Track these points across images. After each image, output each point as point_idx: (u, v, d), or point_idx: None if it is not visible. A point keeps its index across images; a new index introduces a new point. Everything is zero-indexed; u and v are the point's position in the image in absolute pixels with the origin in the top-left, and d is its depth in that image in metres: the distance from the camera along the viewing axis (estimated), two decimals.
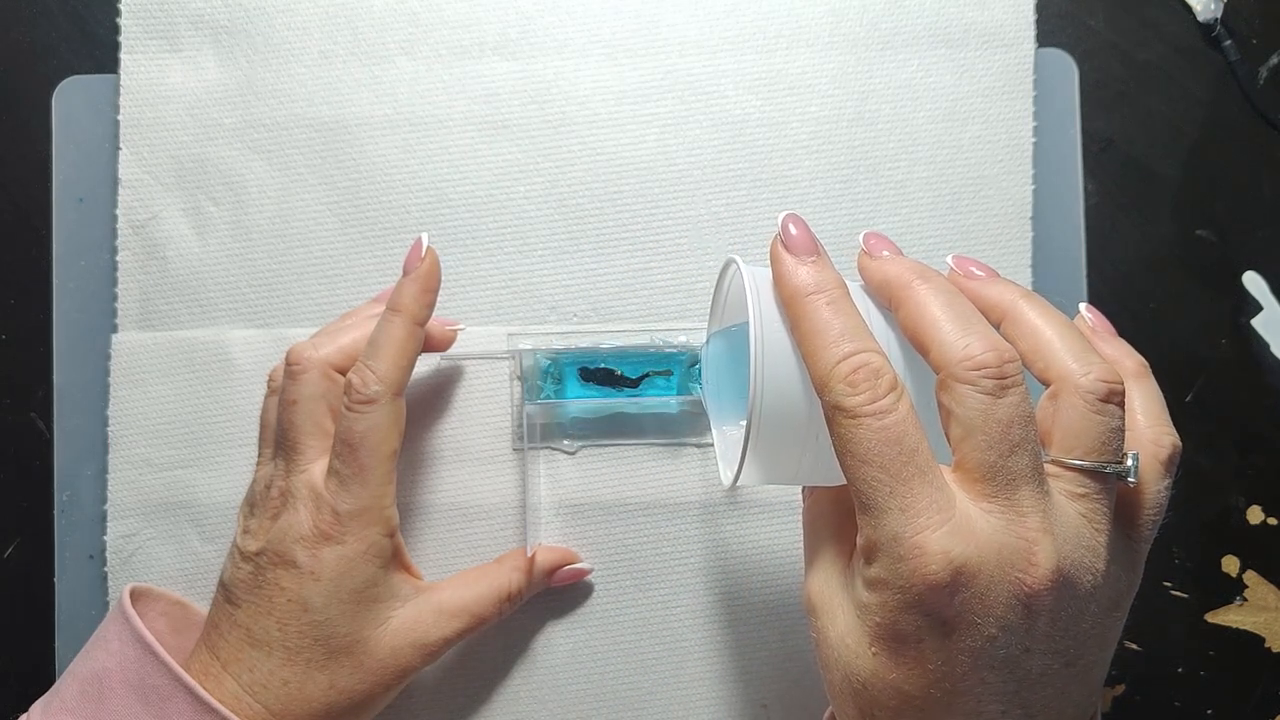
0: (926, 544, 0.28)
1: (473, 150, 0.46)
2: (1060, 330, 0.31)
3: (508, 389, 0.45)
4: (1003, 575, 0.28)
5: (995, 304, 0.33)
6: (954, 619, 0.28)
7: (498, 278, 0.46)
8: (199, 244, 0.46)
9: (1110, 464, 0.30)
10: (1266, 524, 0.47)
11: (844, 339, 0.30)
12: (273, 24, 0.46)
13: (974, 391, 0.29)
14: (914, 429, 0.29)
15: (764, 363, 0.32)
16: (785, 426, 0.32)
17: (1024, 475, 0.29)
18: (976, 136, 0.46)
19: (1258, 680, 0.46)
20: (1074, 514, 0.30)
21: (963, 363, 0.29)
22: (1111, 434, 0.30)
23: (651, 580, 0.45)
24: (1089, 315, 0.37)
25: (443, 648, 0.40)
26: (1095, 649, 0.31)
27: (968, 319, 0.30)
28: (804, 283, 0.31)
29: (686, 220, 0.46)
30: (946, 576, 0.28)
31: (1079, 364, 0.30)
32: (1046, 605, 0.29)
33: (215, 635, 0.39)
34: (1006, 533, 0.28)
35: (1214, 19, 0.47)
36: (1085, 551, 0.29)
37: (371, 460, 0.38)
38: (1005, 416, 0.29)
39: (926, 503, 0.28)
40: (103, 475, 0.46)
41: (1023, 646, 0.29)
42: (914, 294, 0.31)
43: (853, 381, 0.29)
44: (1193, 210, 0.47)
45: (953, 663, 0.29)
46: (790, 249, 0.32)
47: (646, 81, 0.46)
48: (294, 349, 0.40)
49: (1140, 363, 0.35)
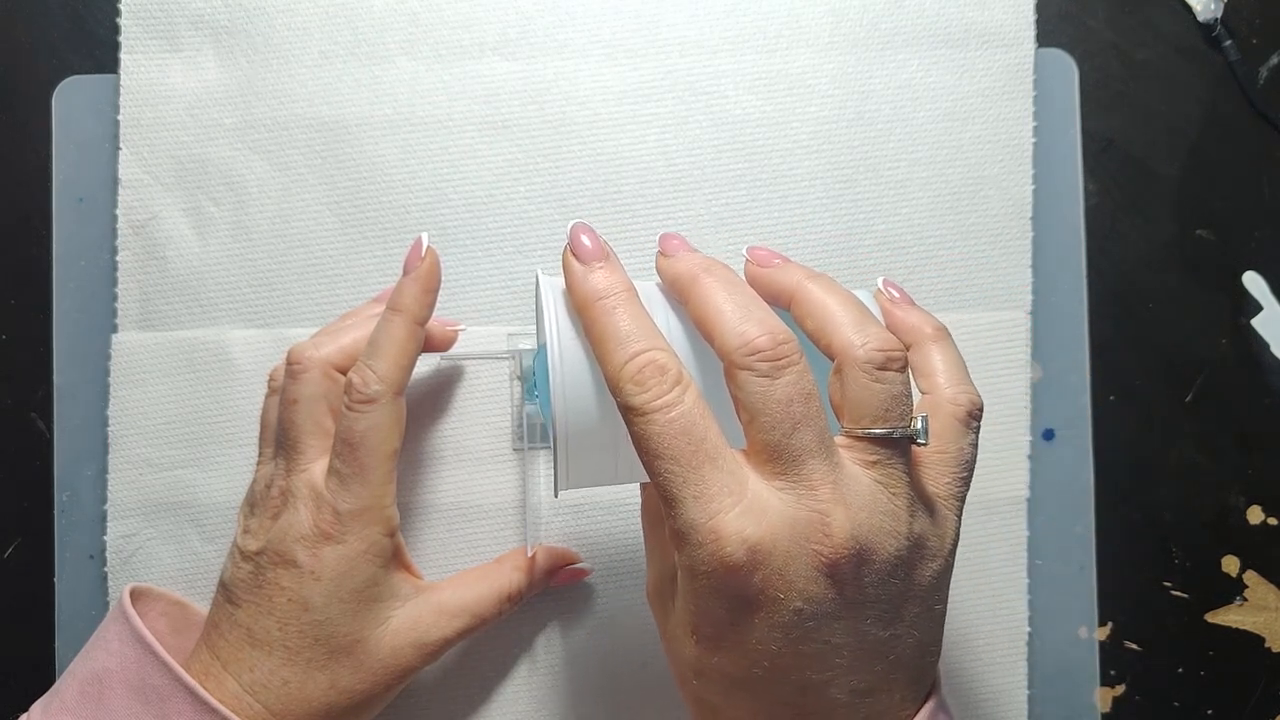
0: (720, 527, 0.29)
1: (473, 150, 0.46)
2: (841, 305, 0.32)
3: (508, 389, 0.45)
4: (799, 549, 0.29)
5: (783, 287, 0.34)
6: (757, 597, 0.29)
7: (498, 278, 0.46)
8: (199, 244, 0.46)
9: (897, 428, 0.31)
10: (1266, 524, 0.47)
11: (630, 340, 0.31)
12: (273, 24, 0.46)
13: (752, 376, 0.30)
14: (701, 419, 0.30)
15: (563, 371, 0.33)
16: (592, 430, 0.33)
17: (810, 450, 0.29)
18: (976, 136, 0.46)
19: (1258, 680, 0.46)
20: (868, 481, 0.30)
21: (740, 349, 0.30)
22: (894, 399, 0.31)
23: None
24: (890, 290, 0.38)
25: (443, 648, 0.40)
26: (915, 609, 0.31)
27: (747, 306, 0.31)
28: (593, 289, 0.32)
29: (686, 220, 0.46)
30: (743, 557, 0.29)
31: (857, 335, 0.31)
32: (848, 572, 0.29)
33: (215, 635, 0.39)
34: (798, 507, 0.29)
35: (1214, 19, 0.47)
36: (883, 516, 0.30)
37: (372, 460, 0.38)
38: (784, 395, 0.29)
39: (718, 488, 0.29)
40: (103, 475, 0.46)
41: (831, 616, 0.30)
42: (699, 287, 0.32)
43: (639, 380, 0.30)
44: (1193, 210, 0.48)
45: (766, 640, 0.30)
46: (580, 257, 0.33)
47: (646, 81, 0.46)
48: (294, 349, 0.40)
49: (937, 326, 0.36)
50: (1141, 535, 0.47)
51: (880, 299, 0.37)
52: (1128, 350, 0.47)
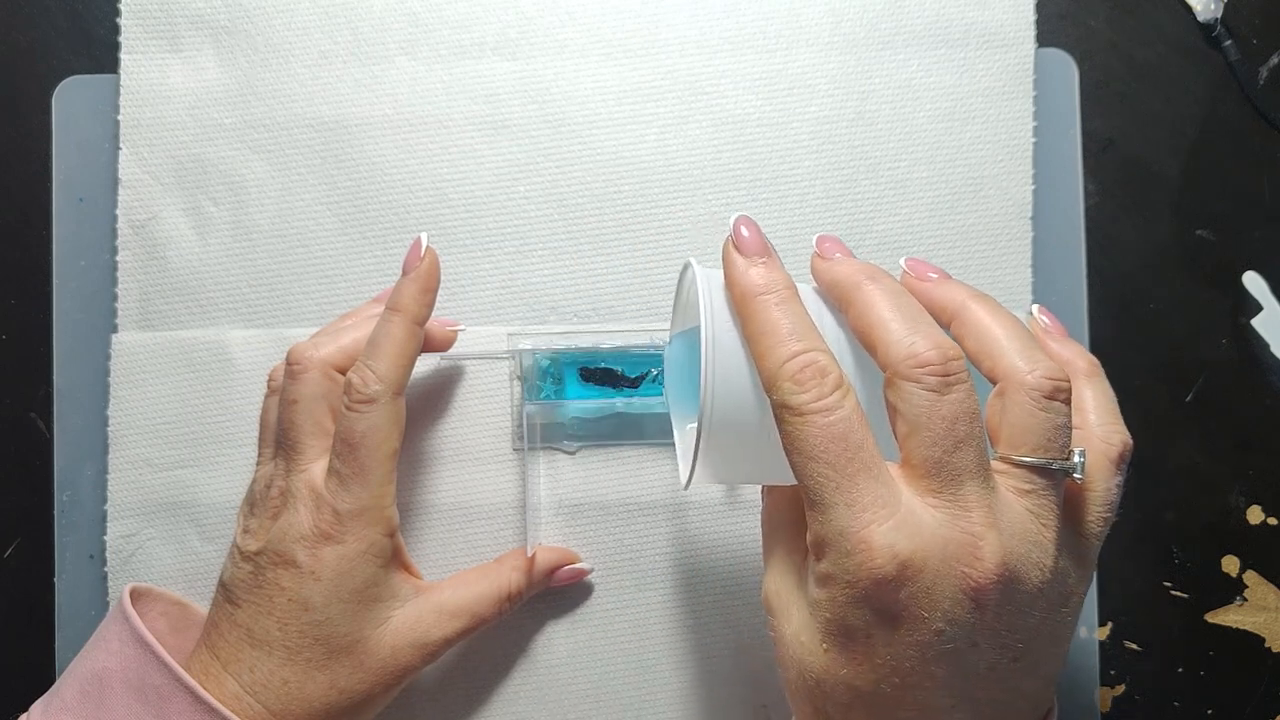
0: (872, 539, 0.28)
1: (473, 150, 0.46)
2: (1008, 329, 0.32)
3: (508, 389, 0.45)
4: (948, 569, 0.29)
5: (945, 304, 0.33)
6: (900, 613, 0.29)
7: (498, 278, 0.46)
8: (199, 244, 0.46)
9: (1056, 460, 0.30)
10: (1266, 524, 0.47)
11: (792, 338, 0.30)
12: (272, 24, 0.46)
13: (918, 389, 0.29)
14: (859, 426, 0.29)
15: (715, 362, 0.32)
16: (737, 425, 0.32)
17: (969, 471, 0.29)
18: (976, 136, 0.46)
19: (1258, 680, 0.46)
20: (1021, 510, 0.30)
21: (907, 360, 0.30)
22: (1057, 431, 0.30)
23: (651, 580, 0.45)
24: (1042, 317, 0.37)
25: (443, 648, 0.40)
26: (1044, 644, 0.31)
27: (914, 318, 0.31)
28: (754, 283, 0.32)
29: (686, 220, 0.46)
30: (892, 570, 0.28)
31: (1025, 361, 0.31)
32: (992, 599, 0.29)
33: (215, 635, 0.39)
34: (951, 527, 0.29)
35: (1214, 19, 0.47)
36: (1032, 547, 0.30)
37: (371, 460, 0.38)
38: (949, 413, 0.29)
39: (872, 498, 0.29)
40: (103, 475, 0.46)
41: (969, 641, 0.29)
42: (863, 294, 0.32)
43: (799, 380, 0.30)
44: (1193, 210, 0.47)
45: (901, 657, 0.29)
46: (741, 250, 0.33)
47: (646, 81, 0.46)
48: (294, 349, 0.40)
49: (1092, 362, 0.36)
50: (1141, 535, 0.47)
51: (1034, 327, 0.36)
52: (1128, 350, 0.47)
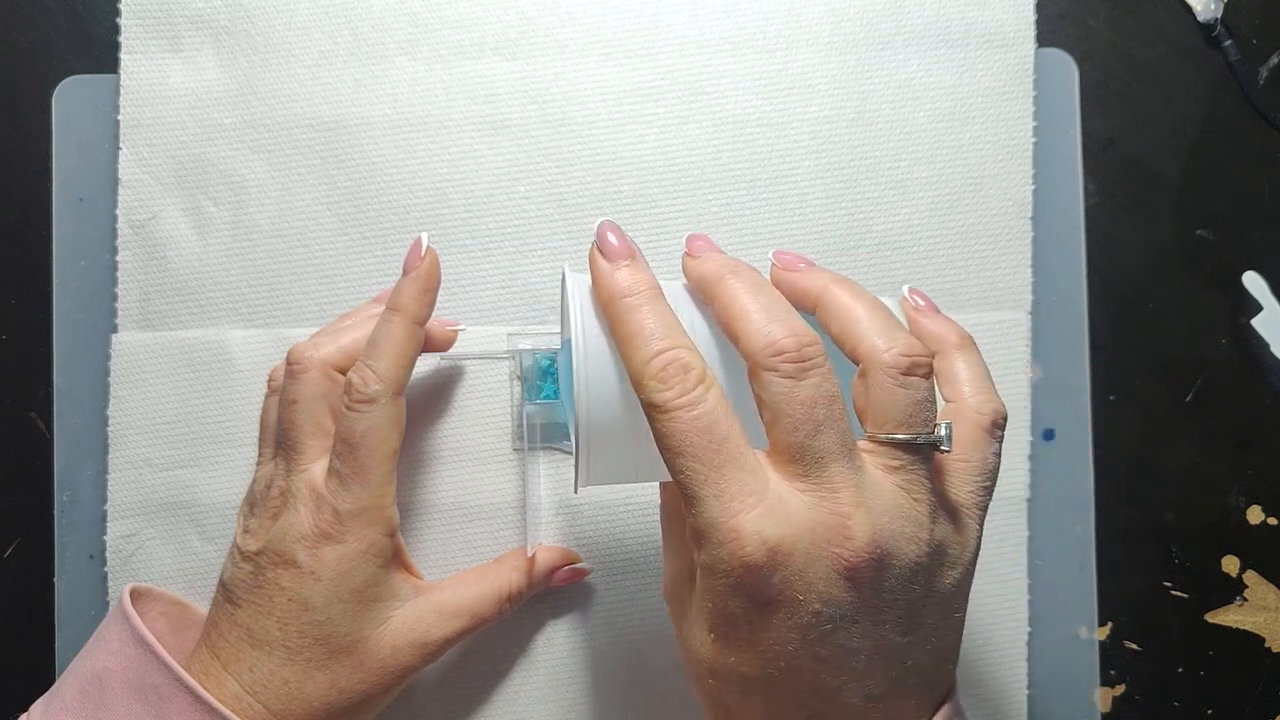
0: (740, 527, 0.29)
1: (473, 150, 0.46)
2: (867, 310, 0.32)
3: (508, 389, 0.45)
4: (819, 551, 0.29)
5: (807, 290, 0.34)
6: (775, 598, 0.29)
7: (498, 278, 0.46)
8: (199, 244, 0.46)
9: (921, 434, 0.31)
10: (1266, 524, 0.47)
11: (655, 337, 0.31)
12: (272, 24, 0.46)
13: (776, 376, 0.30)
14: (723, 418, 0.30)
15: (587, 367, 0.33)
16: (614, 427, 0.33)
17: (832, 452, 0.29)
18: (976, 136, 0.46)
19: (1258, 680, 0.46)
20: (890, 486, 0.30)
21: (765, 349, 0.30)
22: (918, 405, 0.31)
23: (651, 580, 0.45)
24: (913, 297, 0.38)
25: (443, 648, 0.40)
26: (933, 617, 0.31)
27: (772, 308, 0.31)
28: (619, 286, 0.32)
29: (686, 220, 0.46)
30: (762, 557, 0.29)
31: (883, 340, 0.31)
32: (867, 576, 0.29)
33: (215, 635, 0.39)
34: (819, 509, 0.29)
35: (1214, 19, 0.47)
36: (904, 521, 0.30)
37: (372, 460, 0.38)
38: (807, 397, 0.30)
39: (739, 488, 0.29)
40: (103, 475, 0.46)
41: (849, 619, 0.30)
42: (725, 288, 0.32)
43: (663, 378, 0.30)
44: (1193, 210, 0.48)
45: (782, 640, 0.30)
46: (606, 255, 0.33)
47: (646, 81, 0.46)
48: (294, 349, 0.40)
49: (963, 335, 0.36)
50: (1141, 535, 0.47)
51: (905, 306, 0.37)
52: (1128, 350, 0.47)
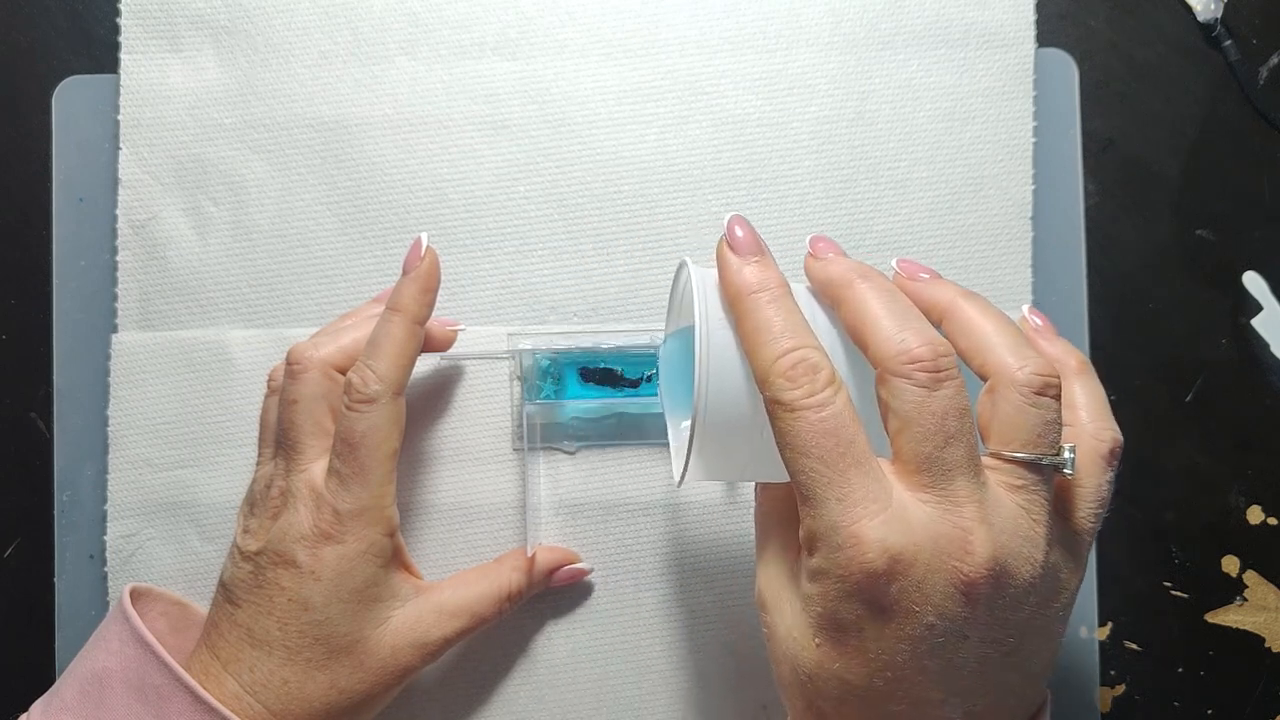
0: (863, 533, 0.29)
1: (473, 150, 0.46)
2: (998, 327, 0.32)
3: (508, 389, 0.45)
4: (939, 564, 0.29)
5: (935, 303, 0.33)
6: (892, 607, 0.29)
7: (498, 278, 0.46)
8: (199, 244, 0.46)
9: (1046, 456, 0.30)
10: (1266, 524, 0.47)
11: (784, 335, 0.31)
12: (272, 24, 0.46)
13: (909, 385, 0.30)
14: (851, 422, 0.30)
15: (709, 360, 0.32)
16: (731, 422, 0.33)
17: (959, 466, 0.29)
18: (976, 136, 0.46)
19: (1258, 680, 0.46)
20: (1012, 505, 0.30)
21: (898, 357, 0.30)
22: (1047, 426, 0.30)
23: (651, 580, 0.45)
24: (1033, 317, 0.38)
25: (443, 648, 0.40)
26: (1035, 639, 0.31)
27: (905, 316, 0.31)
28: (747, 282, 0.32)
29: (686, 220, 0.46)
30: (883, 565, 0.29)
31: (1015, 358, 0.31)
32: (984, 594, 0.29)
33: (215, 635, 0.39)
34: (942, 522, 0.29)
35: (1214, 19, 0.47)
36: (1023, 542, 0.30)
37: (371, 460, 0.38)
38: (940, 409, 0.29)
39: (863, 493, 0.29)
40: (103, 475, 0.46)
41: (961, 635, 0.30)
42: (855, 292, 0.32)
43: (791, 376, 0.30)
44: (1193, 210, 0.47)
45: (892, 651, 0.29)
46: (735, 249, 0.33)
47: (646, 81, 0.46)
48: (294, 349, 0.40)
49: (1082, 360, 0.36)
50: (1141, 535, 0.47)
51: (1024, 326, 0.37)
52: (1128, 350, 0.47)
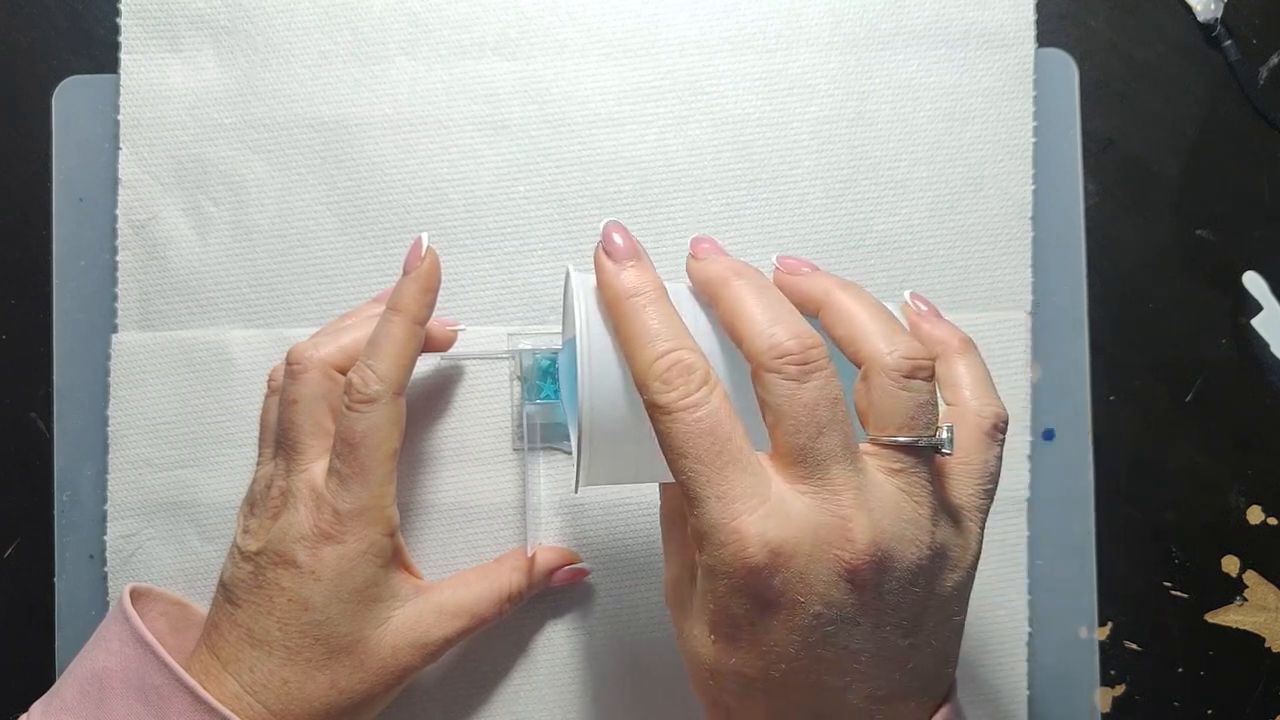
0: (743, 528, 0.29)
1: (473, 150, 0.46)
2: (871, 314, 0.32)
3: (508, 389, 0.45)
4: (821, 553, 0.29)
5: (812, 294, 0.34)
6: (777, 599, 0.29)
7: (498, 278, 0.46)
8: (199, 244, 0.46)
9: (923, 437, 0.31)
10: (1266, 524, 0.47)
11: (659, 338, 0.31)
12: (272, 24, 0.46)
13: (779, 379, 0.30)
14: (726, 420, 0.30)
15: (591, 366, 0.33)
16: (616, 427, 0.33)
17: (834, 455, 0.30)
18: (976, 136, 0.46)
19: (1258, 680, 0.46)
20: (892, 489, 0.30)
21: (769, 351, 0.30)
22: (920, 408, 0.31)
23: (651, 580, 0.45)
24: (915, 302, 0.38)
25: (443, 648, 0.40)
26: (931, 620, 0.32)
27: (776, 310, 0.31)
28: (624, 287, 0.32)
29: (686, 220, 0.46)
30: (764, 558, 0.29)
31: (886, 343, 0.31)
32: (869, 579, 0.29)
33: (215, 635, 0.39)
34: (820, 511, 0.29)
35: (1214, 19, 0.47)
36: (905, 524, 0.30)
37: (372, 460, 0.38)
38: (810, 400, 0.30)
39: (741, 489, 0.29)
40: (103, 475, 0.46)
41: (851, 621, 0.30)
42: (729, 290, 0.32)
43: (667, 379, 0.30)
44: (1193, 210, 0.48)
45: (784, 642, 0.30)
46: (611, 255, 0.33)
47: (646, 81, 0.46)
48: (294, 349, 0.40)
49: (964, 339, 0.36)
50: (1141, 535, 0.47)
51: (907, 311, 0.37)
52: (1128, 350, 0.47)
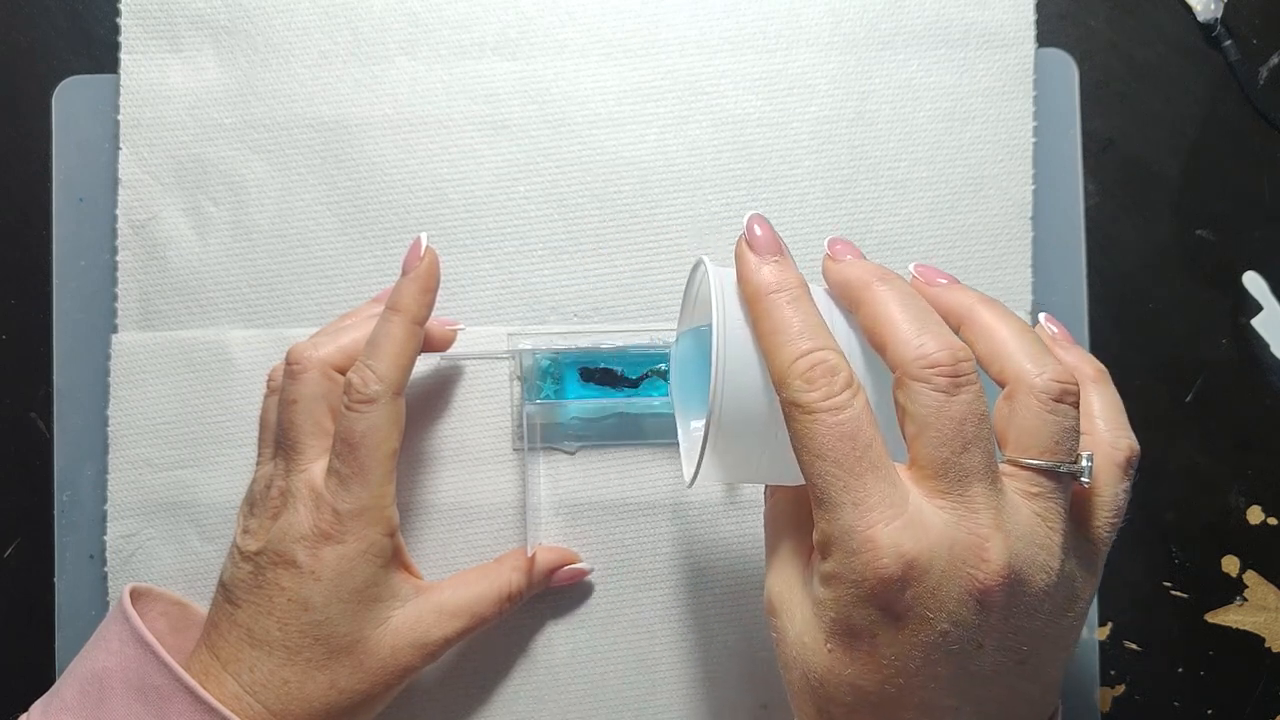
0: (878, 538, 0.28)
1: (473, 150, 0.46)
2: (1016, 333, 0.32)
3: (508, 389, 0.45)
4: (954, 570, 0.29)
5: (954, 308, 0.33)
6: (906, 613, 0.29)
7: (498, 278, 0.46)
8: (199, 244, 0.46)
9: (1064, 463, 0.30)
10: (1266, 524, 0.47)
11: (802, 337, 0.31)
12: (273, 24, 0.46)
13: (927, 389, 0.29)
14: (868, 425, 0.29)
15: (725, 359, 0.32)
16: (745, 423, 0.32)
17: (976, 472, 0.29)
18: (976, 136, 0.46)
19: (1258, 680, 0.46)
20: (1028, 512, 0.30)
21: (917, 360, 0.30)
22: (1065, 434, 0.30)
23: (651, 580, 0.45)
24: (1050, 325, 0.37)
25: (443, 648, 0.40)
26: (1049, 648, 0.31)
27: (924, 319, 0.31)
28: (766, 281, 0.32)
29: (686, 220, 0.46)
30: (898, 570, 0.28)
31: (1034, 365, 0.31)
32: (998, 601, 0.29)
33: (215, 635, 0.39)
34: (958, 528, 0.29)
35: (1214, 19, 0.47)
36: (1039, 549, 0.30)
37: (371, 460, 0.38)
38: (958, 414, 0.29)
39: (879, 498, 0.29)
40: (103, 475, 0.46)
41: (975, 642, 0.29)
42: (873, 295, 0.32)
43: (809, 378, 0.30)
44: (1193, 210, 0.47)
45: (905, 657, 0.29)
46: (754, 248, 0.33)
47: (646, 81, 0.46)
48: (294, 349, 0.40)
49: (1098, 368, 0.36)
50: (1141, 535, 0.47)
51: (1041, 334, 0.37)
52: (1128, 350, 0.47)
